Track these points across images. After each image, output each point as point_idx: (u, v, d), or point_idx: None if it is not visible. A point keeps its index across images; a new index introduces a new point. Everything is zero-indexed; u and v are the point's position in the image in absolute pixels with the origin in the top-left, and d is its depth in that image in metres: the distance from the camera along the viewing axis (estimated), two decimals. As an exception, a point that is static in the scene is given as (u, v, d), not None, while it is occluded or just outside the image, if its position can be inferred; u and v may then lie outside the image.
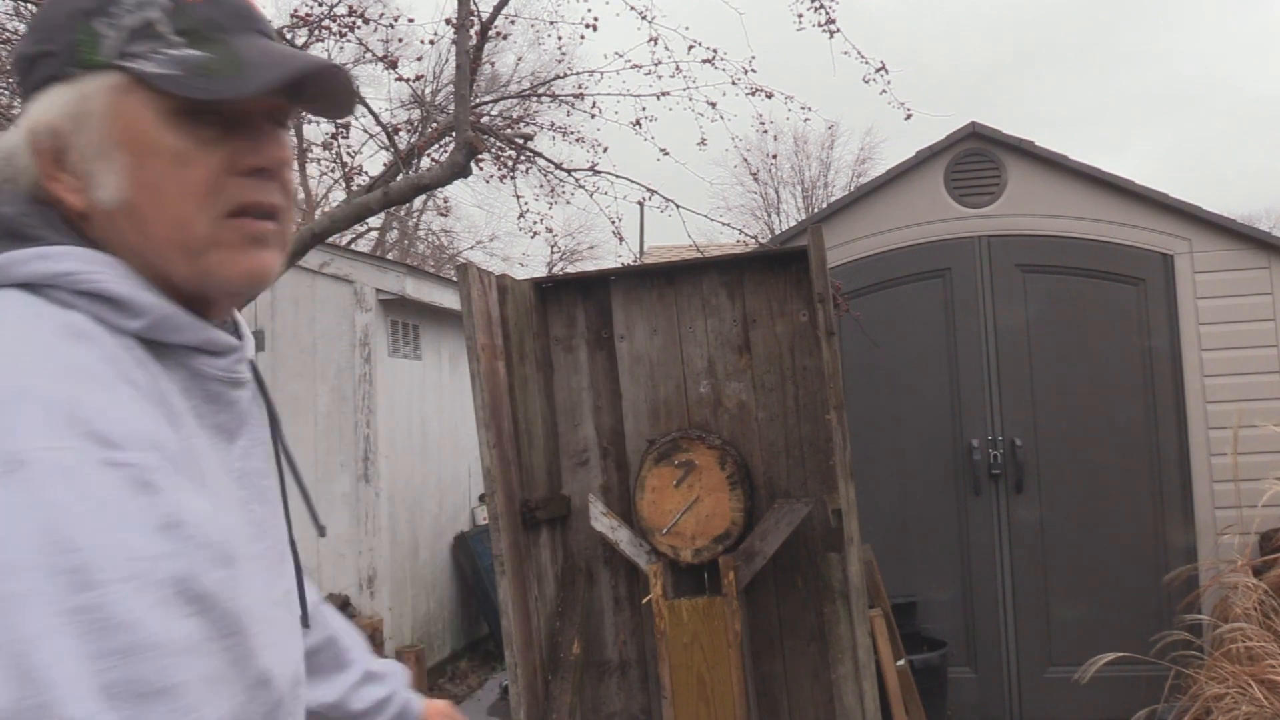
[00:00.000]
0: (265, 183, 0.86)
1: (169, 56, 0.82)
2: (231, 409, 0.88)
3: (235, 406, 0.89)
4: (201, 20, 0.84)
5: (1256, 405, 4.99)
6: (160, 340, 0.82)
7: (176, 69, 0.81)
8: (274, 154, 0.86)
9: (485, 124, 6.79)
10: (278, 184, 0.87)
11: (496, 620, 6.96)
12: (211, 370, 0.86)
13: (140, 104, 0.82)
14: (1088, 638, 4.86)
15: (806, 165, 28.67)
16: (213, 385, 0.86)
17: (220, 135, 0.84)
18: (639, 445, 3.90)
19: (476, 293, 3.53)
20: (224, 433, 0.87)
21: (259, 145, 0.85)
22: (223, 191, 0.84)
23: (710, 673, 3.62)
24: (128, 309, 0.80)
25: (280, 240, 0.88)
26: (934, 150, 5.47)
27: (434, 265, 21.02)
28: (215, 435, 0.86)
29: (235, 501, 0.85)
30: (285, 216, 0.89)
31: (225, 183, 0.84)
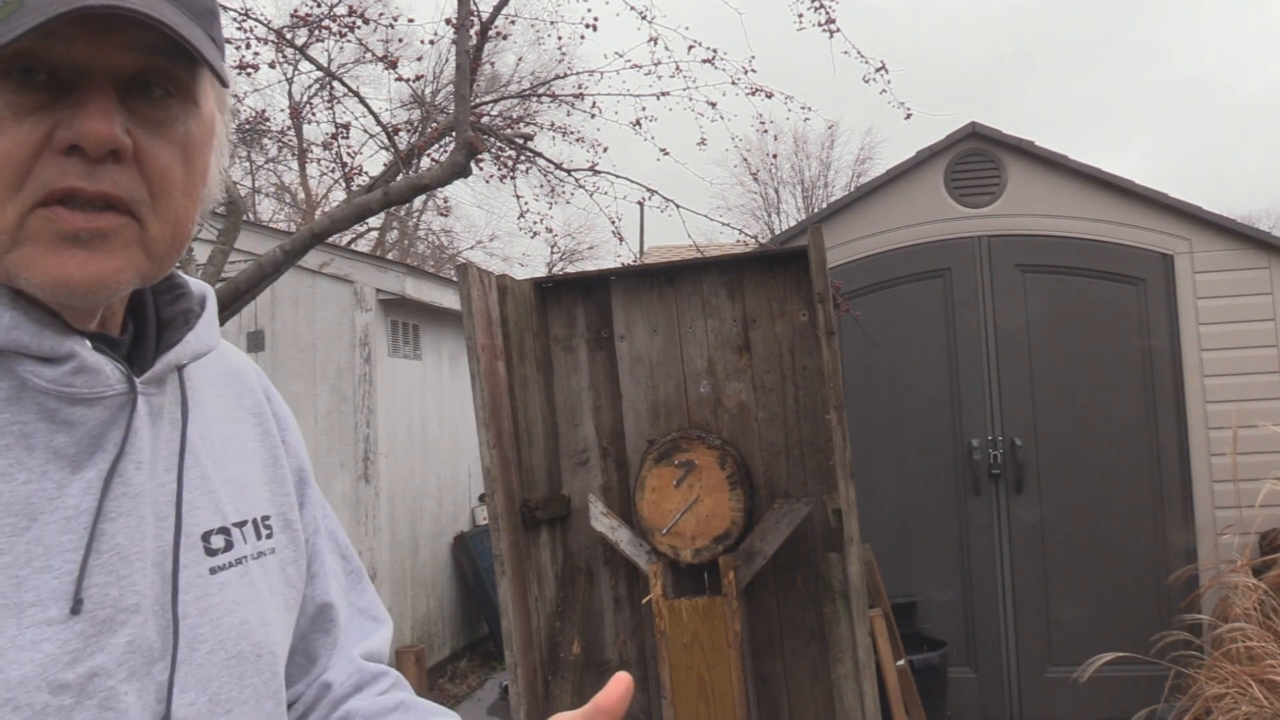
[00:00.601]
0: (94, 165, 0.68)
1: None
2: (73, 430, 0.71)
3: (79, 428, 0.71)
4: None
5: (1256, 405, 4.99)
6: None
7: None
8: (93, 129, 0.66)
9: (485, 124, 6.79)
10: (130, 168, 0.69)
11: (496, 620, 6.96)
12: (38, 381, 0.69)
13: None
14: (1088, 638, 4.86)
15: (806, 165, 28.68)
16: (44, 399, 0.70)
17: (45, 103, 0.67)
18: (639, 445, 3.90)
19: (476, 293, 3.53)
20: (64, 460, 0.70)
21: (78, 118, 0.67)
22: (35, 173, 0.67)
23: (710, 673, 3.62)
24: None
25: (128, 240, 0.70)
26: (934, 150, 5.47)
27: (434, 265, 21.02)
28: (51, 462, 0.70)
29: (40, 549, 0.68)
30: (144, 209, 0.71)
31: (41, 163, 0.67)
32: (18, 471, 0.68)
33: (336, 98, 6.62)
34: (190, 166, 0.74)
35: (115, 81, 0.69)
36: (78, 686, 0.67)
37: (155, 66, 0.70)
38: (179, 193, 0.73)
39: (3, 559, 0.66)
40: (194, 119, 0.74)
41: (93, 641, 0.69)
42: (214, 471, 0.83)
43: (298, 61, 6.43)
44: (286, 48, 6.01)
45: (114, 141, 0.68)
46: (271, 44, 5.89)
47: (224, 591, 0.79)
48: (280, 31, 5.92)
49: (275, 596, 0.86)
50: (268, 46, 5.90)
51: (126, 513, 0.72)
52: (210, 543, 0.79)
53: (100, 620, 0.69)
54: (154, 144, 0.71)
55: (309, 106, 9.39)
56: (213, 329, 0.85)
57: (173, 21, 0.68)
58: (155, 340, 0.80)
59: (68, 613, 0.67)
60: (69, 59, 0.67)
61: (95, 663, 0.68)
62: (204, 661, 0.76)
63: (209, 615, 0.77)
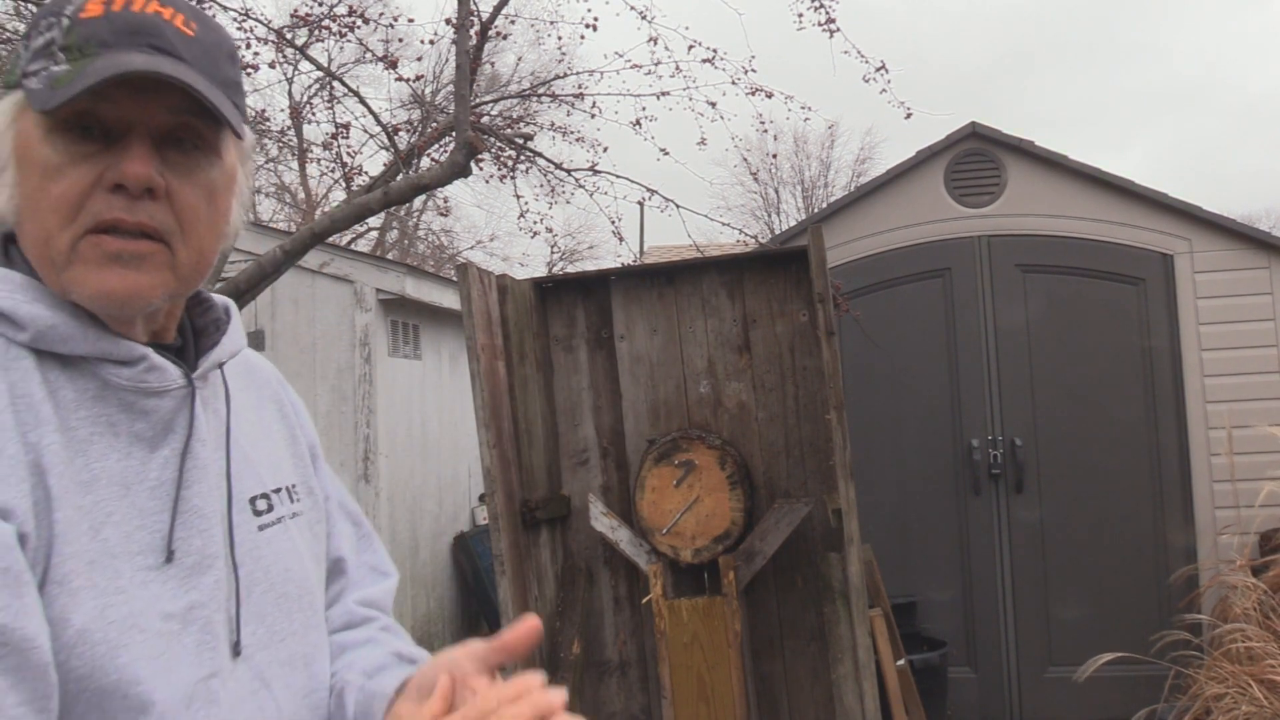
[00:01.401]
0: (135, 201, 0.84)
1: (47, 73, 0.84)
2: (149, 418, 0.89)
3: (153, 415, 0.89)
4: (85, 36, 0.85)
5: (1256, 405, 4.99)
6: (53, 351, 0.85)
7: (43, 84, 0.84)
8: (133, 170, 0.84)
9: (485, 124, 6.79)
10: (163, 204, 0.86)
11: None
12: (118, 380, 0.87)
13: (30, 120, 0.85)
14: (1088, 638, 4.86)
15: (806, 165, 28.68)
16: (124, 394, 0.88)
17: (98, 151, 0.84)
18: (639, 445, 3.90)
19: (476, 293, 3.53)
20: (143, 441, 0.88)
21: (122, 162, 0.84)
22: (87, 208, 0.84)
23: (710, 673, 3.62)
24: (13, 322, 0.84)
25: (159, 263, 0.87)
26: (934, 150, 5.47)
27: (434, 265, 21.02)
28: (134, 443, 0.87)
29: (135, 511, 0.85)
30: (174, 238, 0.87)
31: (92, 199, 0.84)
32: (110, 452, 0.85)
33: (336, 98, 6.61)
34: (213, 206, 0.91)
35: (153, 135, 0.86)
36: (181, 615, 0.85)
37: (186, 124, 0.87)
38: (203, 227, 0.90)
39: (113, 519, 0.84)
40: (217, 168, 0.91)
41: (187, 582, 0.87)
42: (250, 449, 1.00)
43: (298, 61, 6.43)
44: (286, 48, 6.01)
45: (150, 181, 0.85)
46: (271, 44, 5.89)
47: (270, 545, 0.97)
48: (280, 31, 5.91)
49: (307, 550, 1.05)
50: (268, 46, 5.90)
51: (199, 480, 0.90)
52: (255, 505, 0.98)
53: (189, 566, 0.87)
54: (183, 186, 0.88)
55: (309, 106, 9.39)
56: (239, 333, 1.03)
57: (199, 88, 0.85)
58: (195, 345, 0.99)
59: (163, 561, 0.85)
60: (117, 116, 0.84)
61: (192, 598, 0.86)
62: (260, 600, 0.94)
63: (261, 564, 0.95)
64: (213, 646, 0.87)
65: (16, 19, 6.43)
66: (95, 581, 0.81)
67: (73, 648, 0.78)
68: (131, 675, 0.80)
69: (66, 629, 0.78)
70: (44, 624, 0.77)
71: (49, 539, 0.80)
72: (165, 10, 0.88)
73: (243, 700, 0.90)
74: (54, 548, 0.80)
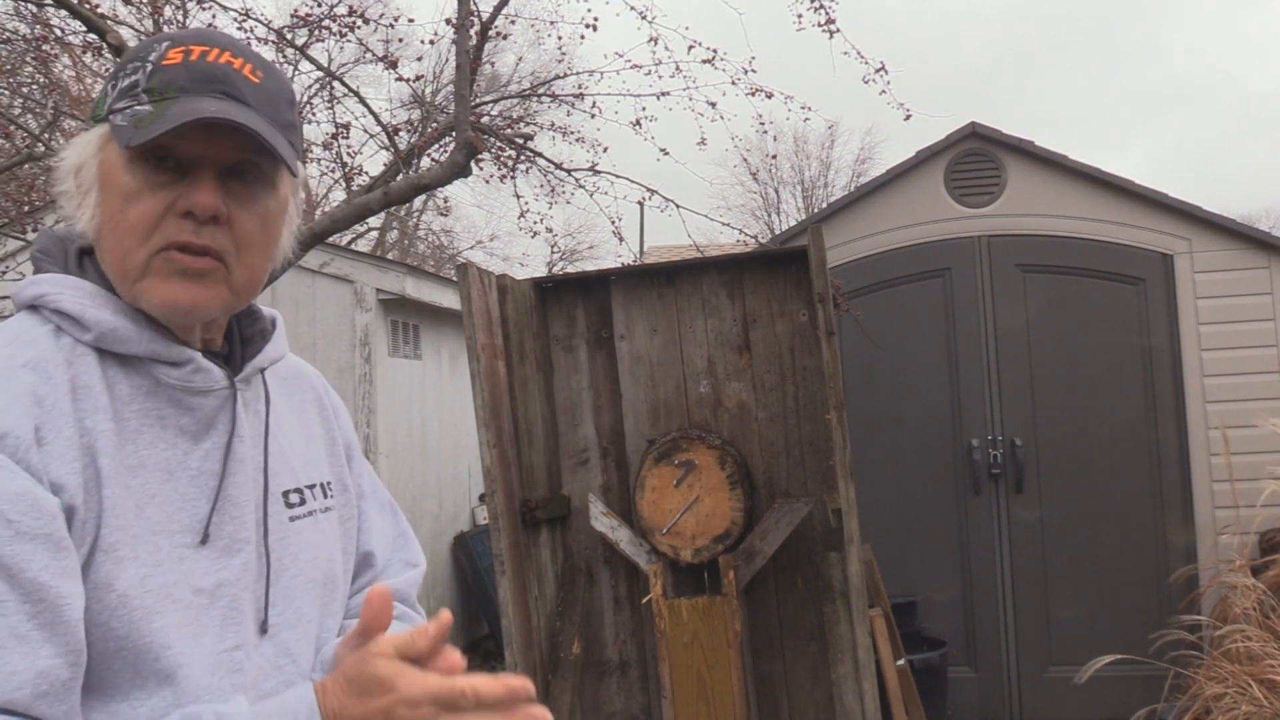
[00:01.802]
0: (201, 226, 0.97)
1: (131, 112, 0.97)
2: (194, 414, 1.00)
3: (197, 412, 1.01)
4: (166, 81, 0.98)
5: (1256, 405, 4.99)
6: (112, 350, 0.97)
7: (127, 122, 0.97)
8: (202, 200, 0.96)
9: (485, 124, 6.79)
10: (224, 229, 0.98)
11: (496, 620, 6.96)
12: (168, 378, 0.99)
13: (114, 151, 0.98)
14: (1087, 638, 4.86)
15: (806, 165, 28.67)
16: (173, 392, 0.99)
17: (168, 181, 0.97)
18: (639, 445, 3.90)
19: (476, 292, 3.53)
20: (188, 434, 1.00)
21: (192, 192, 0.96)
22: (161, 229, 0.96)
23: (710, 672, 3.62)
24: (80, 324, 0.96)
25: (217, 279, 0.99)
26: (934, 150, 5.47)
27: (434, 265, 21.02)
28: (180, 435, 0.99)
29: (177, 495, 0.97)
30: (231, 259, 1.00)
31: (165, 222, 0.97)
32: (158, 441, 0.97)
33: (336, 98, 6.61)
34: (266, 232, 1.04)
35: (219, 168, 0.98)
36: (210, 591, 0.96)
37: (247, 160, 1.00)
38: (257, 250, 1.03)
39: (156, 500, 0.95)
40: (272, 198, 1.04)
41: (218, 562, 0.98)
42: (287, 447, 1.11)
43: (298, 61, 6.42)
44: (287, 48, 6.01)
45: (215, 210, 0.97)
46: (272, 44, 5.89)
47: (300, 535, 1.08)
48: (280, 31, 5.91)
49: (337, 542, 1.15)
50: (268, 46, 5.90)
51: (236, 473, 1.01)
52: (288, 498, 1.08)
53: (221, 548, 0.98)
54: (242, 214, 1.00)
55: (309, 106, 9.38)
56: (283, 343, 1.16)
57: (262, 131, 0.97)
58: (241, 352, 1.10)
59: (198, 542, 0.96)
60: (189, 152, 0.97)
61: (221, 576, 0.97)
62: (288, 584, 1.05)
63: (290, 551, 1.06)
64: (238, 622, 0.98)
65: (16, 19, 6.43)
66: (138, 554, 0.92)
67: (114, 610, 0.89)
68: (163, 640, 0.91)
69: (110, 593, 0.89)
70: (80, 587, 0.88)
71: (98, 513, 0.91)
72: (236, 61, 1.01)
73: (267, 674, 1.00)
74: (103, 520, 0.91)
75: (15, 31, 6.35)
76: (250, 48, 1.06)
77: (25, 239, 6.21)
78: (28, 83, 6.96)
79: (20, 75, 6.78)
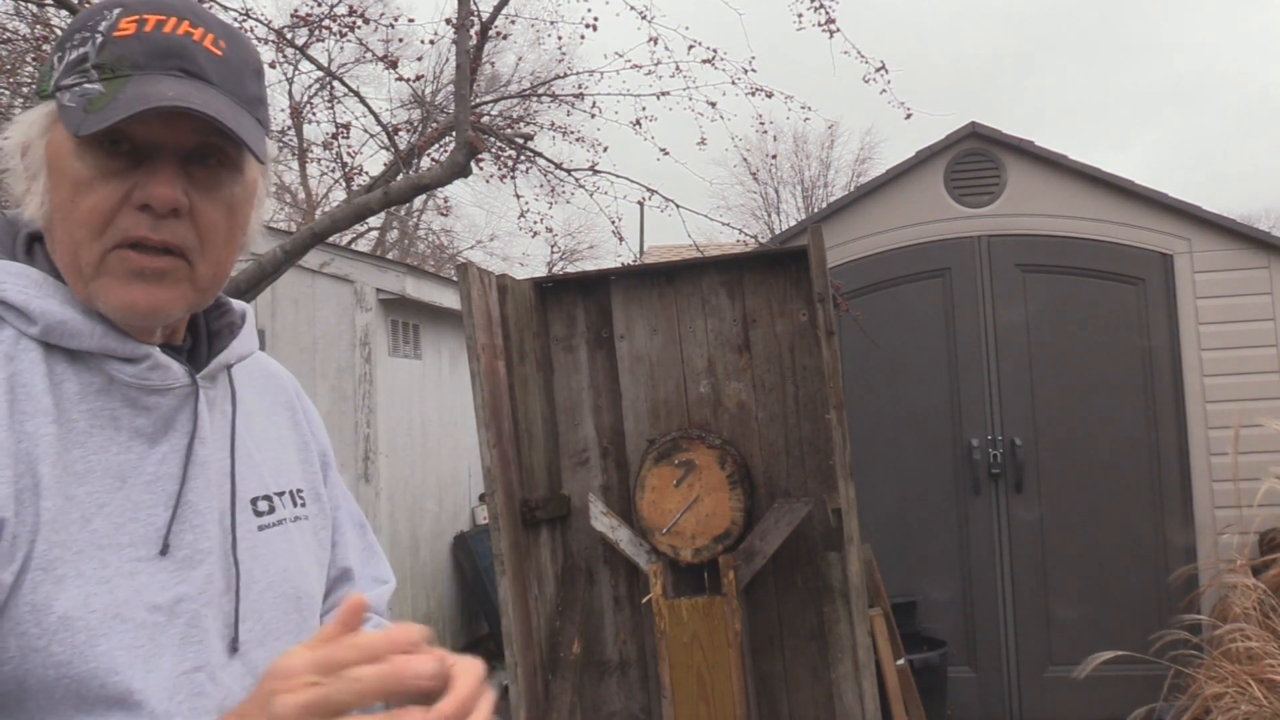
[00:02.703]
0: (160, 219, 0.88)
1: (80, 90, 0.87)
2: (150, 414, 0.91)
3: (154, 412, 0.92)
4: (118, 56, 0.88)
5: (1256, 405, 4.99)
6: (60, 345, 0.88)
7: (76, 103, 0.87)
8: (160, 193, 0.87)
9: (485, 124, 6.79)
10: (186, 222, 0.89)
11: (496, 620, 6.96)
12: (122, 376, 0.90)
13: (63, 133, 0.88)
14: (1087, 637, 4.87)
15: (806, 165, 28.67)
16: (128, 390, 0.90)
17: (127, 168, 0.88)
18: (639, 445, 3.90)
19: (476, 292, 3.53)
20: (143, 437, 0.91)
21: (150, 183, 0.87)
22: (116, 223, 0.87)
23: (710, 672, 3.62)
24: (25, 316, 0.87)
25: (179, 278, 0.90)
26: (934, 150, 5.48)
27: (434, 265, 21.01)
28: (134, 438, 0.90)
29: (130, 503, 0.87)
30: (194, 254, 0.91)
31: (121, 214, 0.87)
32: (110, 445, 0.88)
33: (337, 97, 6.62)
34: (233, 220, 0.94)
35: (179, 154, 0.89)
36: (168, 608, 0.86)
37: (209, 144, 0.90)
38: (222, 241, 0.93)
39: (105, 510, 0.85)
40: (238, 183, 0.94)
41: (177, 575, 0.88)
42: (256, 451, 1.02)
43: (298, 61, 6.43)
44: (287, 47, 6.01)
45: (176, 203, 0.88)
46: (272, 44, 5.89)
47: (269, 545, 0.99)
48: (280, 31, 5.92)
49: (309, 554, 1.06)
50: (268, 46, 5.90)
51: (197, 477, 0.92)
52: (257, 506, 0.99)
53: (181, 559, 0.89)
54: (205, 203, 0.91)
55: (309, 106, 9.39)
56: (252, 338, 1.06)
57: (222, 113, 0.87)
58: (207, 347, 1.01)
59: (156, 553, 0.87)
60: (146, 137, 0.87)
61: (180, 591, 0.88)
62: (258, 598, 0.95)
63: (260, 562, 0.97)
64: (199, 640, 0.88)
65: (16, 19, 6.43)
66: (81, 570, 0.82)
67: (54, 634, 0.80)
68: (109, 665, 0.81)
69: (49, 615, 0.80)
70: None
71: (34, 526, 0.81)
72: (195, 31, 0.90)
73: (235, 695, 0.88)
74: (39, 535, 0.81)
75: (15, 31, 6.35)
76: (210, 12, 0.95)
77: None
78: (28, 83, 6.96)
79: (20, 75, 6.78)
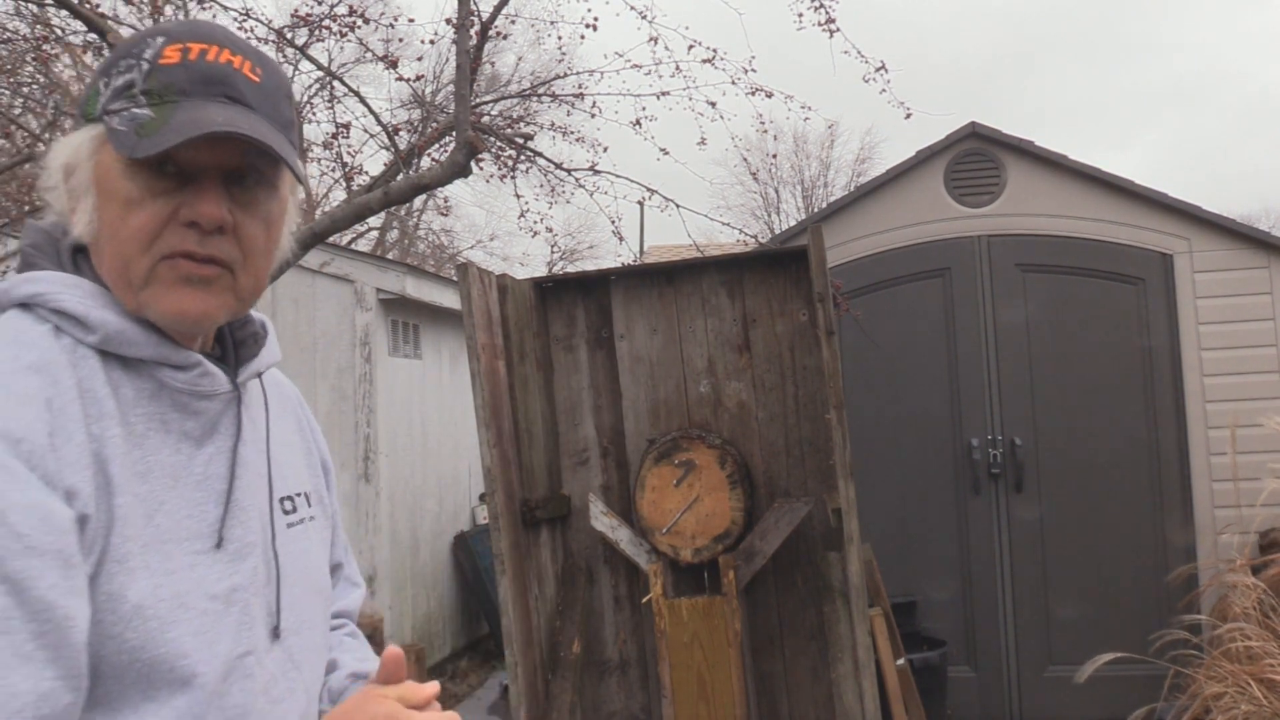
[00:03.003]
0: (205, 235, 0.95)
1: (129, 115, 0.94)
2: (198, 418, 0.99)
3: (202, 416, 0.99)
4: (165, 83, 0.95)
5: (1256, 405, 4.99)
6: (117, 353, 0.94)
7: (127, 126, 0.93)
8: (208, 212, 0.95)
9: (485, 124, 6.79)
10: (229, 237, 0.97)
11: (496, 619, 6.97)
12: (174, 382, 0.97)
13: (111, 155, 0.95)
14: (1087, 637, 4.87)
15: (806, 165, 28.66)
16: (178, 395, 0.98)
17: (170, 189, 0.95)
18: (639, 445, 3.90)
19: (477, 292, 3.53)
20: (190, 439, 0.98)
21: (197, 202, 0.95)
22: (163, 238, 0.94)
23: (710, 672, 3.62)
24: (84, 325, 0.93)
25: (224, 287, 0.98)
26: (934, 150, 5.47)
27: (434, 265, 21.02)
28: (182, 440, 0.97)
29: (185, 501, 0.95)
30: (238, 266, 0.98)
31: (168, 230, 0.94)
32: (163, 447, 0.95)
33: (337, 97, 6.61)
34: (269, 235, 1.02)
35: (221, 174, 0.96)
36: (224, 596, 0.95)
37: (250, 164, 0.98)
38: (260, 254, 1.01)
39: (164, 507, 0.93)
40: (274, 200, 1.02)
41: (230, 567, 0.97)
42: (279, 454, 1.11)
43: (298, 61, 6.42)
44: (287, 47, 6.01)
45: (222, 221, 0.96)
46: (272, 44, 5.89)
47: (296, 542, 1.08)
48: (281, 31, 5.92)
49: (321, 551, 1.16)
50: (268, 46, 5.90)
51: (242, 477, 1.01)
52: (285, 505, 1.08)
53: (233, 552, 0.97)
54: (246, 219, 0.98)
55: (309, 106, 9.39)
56: (275, 347, 1.14)
57: (265, 136, 0.95)
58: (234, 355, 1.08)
59: (212, 546, 0.96)
60: (192, 159, 0.94)
61: (234, 581, 0.97)
62: (292, 589, 1.05)
63: (291, 557, 1.06)
64: (250, 626, 0.97)
65: (16, 19, 6.43)
66: (149, 563, 0.90)
67: (128, 621, 0.87)
68: (179, 649, 0.89)
69: (123, 604, 0.87)
70: (87, 606, 0.85)
71: (109, 521, 0.88)
72: (235, 59, 0.98)
73: (277, 679, 1.00)
74: (113, 529, 0.88)
75: (15, 31, 6.35)
76: (245, 40, 1.03)
77: (25, 239, 6.20)
78: (28, 83, 6.96)
79: (20, 75, 6.78)
